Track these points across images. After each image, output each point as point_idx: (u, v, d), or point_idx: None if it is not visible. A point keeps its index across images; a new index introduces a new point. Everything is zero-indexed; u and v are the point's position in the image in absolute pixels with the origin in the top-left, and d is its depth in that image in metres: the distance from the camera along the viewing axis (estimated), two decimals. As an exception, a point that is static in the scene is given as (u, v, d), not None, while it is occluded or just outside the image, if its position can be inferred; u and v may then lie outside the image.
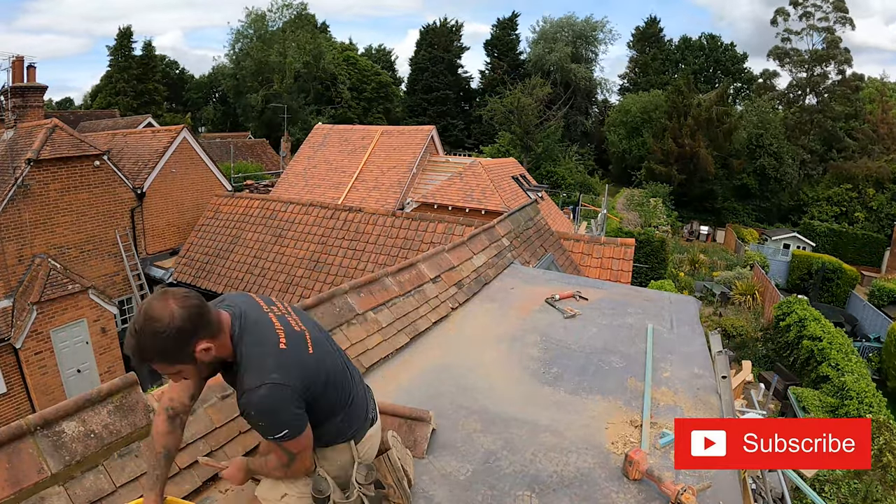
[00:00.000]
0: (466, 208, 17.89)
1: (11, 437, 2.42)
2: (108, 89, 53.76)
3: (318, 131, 24.36)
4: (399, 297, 5.29)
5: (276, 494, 2.48)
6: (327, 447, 2.48)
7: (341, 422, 2.46)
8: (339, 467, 2.50)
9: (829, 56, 44.38)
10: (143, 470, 2.70)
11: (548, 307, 6.08)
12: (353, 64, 61.25)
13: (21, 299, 12.53)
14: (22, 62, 15.42)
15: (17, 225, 12.88)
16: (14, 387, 12.26)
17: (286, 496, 2.47)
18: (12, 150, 13.38)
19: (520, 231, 9.13)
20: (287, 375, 2.12)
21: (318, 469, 2.47)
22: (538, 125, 46.81)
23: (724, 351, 4.32)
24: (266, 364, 2.12)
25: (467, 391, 4.17)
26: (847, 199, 41.73)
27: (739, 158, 44.59)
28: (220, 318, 2.15)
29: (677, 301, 6.76)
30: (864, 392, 13.76)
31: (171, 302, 1.98)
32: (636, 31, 63.04)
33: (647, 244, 26.39)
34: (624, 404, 4.06)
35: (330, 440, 2.47)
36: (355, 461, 2.53)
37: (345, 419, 2.47)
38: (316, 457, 2.47)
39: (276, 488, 2.49)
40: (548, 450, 3.46)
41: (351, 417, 2.51)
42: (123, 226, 15.38)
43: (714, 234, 41.84)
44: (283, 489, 2.48)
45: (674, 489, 2.87)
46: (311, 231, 13.71)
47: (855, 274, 28.81)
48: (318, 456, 2.48)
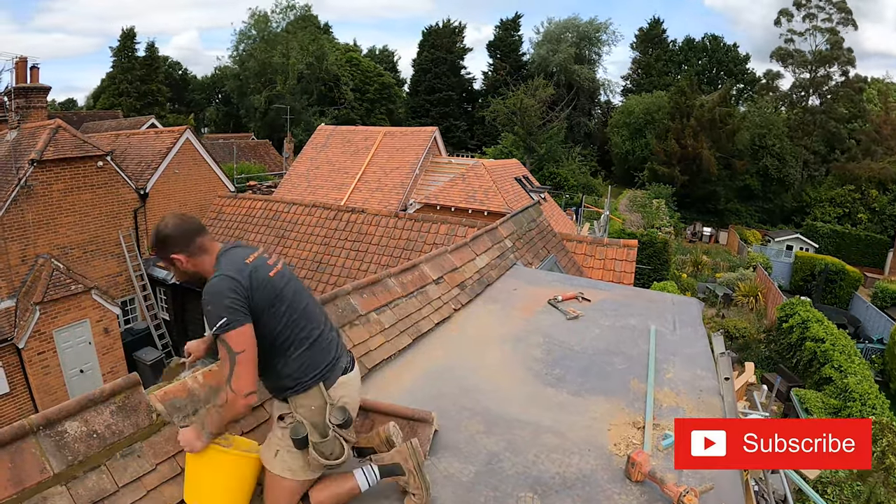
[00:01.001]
0: (469, 209, 17.89)
1: (14, 437, 2.43)
2: (111, 90, 53.85)
3: (321, 132, 24.38)
4: (402, 298, 5.29)
5: (271, 453, 2.68)
6: (301, 393, 2.66)
7: (303, 356, 2.66)
8: (314, 412, 2.66)
9: (832, 57, 44.31)
10: (146, 470, 2.71)
11: (550, 308, 6.08)
12: (356, 65, 61.27)
13: (24, 299, 12.55)
14: (25, 63, 15.42)
15: (21, 225, 12.90)
16: (17, 387, 12.27)
17: (279, 452, 2.66)
18: (16, 151, 13.40)
19: (522, 232, 9.13)
20: (237, 273, 2.53)
21: (294, 415, 2.67)
22: (541, 126, 46.75)
23: (727, 352, 4.30)
24: (228, 267, 2.57)
25: (470, 392, 4.17)
26: (850, 200, 41.64)
27: (742, 159, 44.51)
28: (204, 243, 2.69)
29: (680, 302, 6.75)
30: (866, 394, 13.73)
31: (173, 218, 2.70)
32: (639, 33, 63.01)
33: (650, 245, 26.35)
34: (626, 406, 4.06)
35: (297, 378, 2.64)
36: (328, 404, 2.68)
37: (309, 355, 2.67)
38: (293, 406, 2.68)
39: (270, 447, 2.70)
40: (550, 451, 3.45)
41: (315, 355, 2.70)
42: (126, 226, 15.41)
43: (717, 236, 41.79)
44: (274, 446, 2.68)
45: (676, 491, 2.86)
46: (313, 232, 13.72)
47: (858, 275, 28.74)
48: (294, 405, 2.68)
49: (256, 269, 2.60)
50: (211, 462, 2.60)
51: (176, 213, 2.75)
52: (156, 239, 2.67)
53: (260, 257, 2.69)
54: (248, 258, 2.64)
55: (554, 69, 57.15)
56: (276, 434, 2.71)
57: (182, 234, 2.65)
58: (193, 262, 2.67)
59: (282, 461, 2.66)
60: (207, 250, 2.69)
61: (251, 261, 2.63)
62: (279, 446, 2.67)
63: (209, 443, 2.59)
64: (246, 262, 2.60)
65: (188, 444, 2.58)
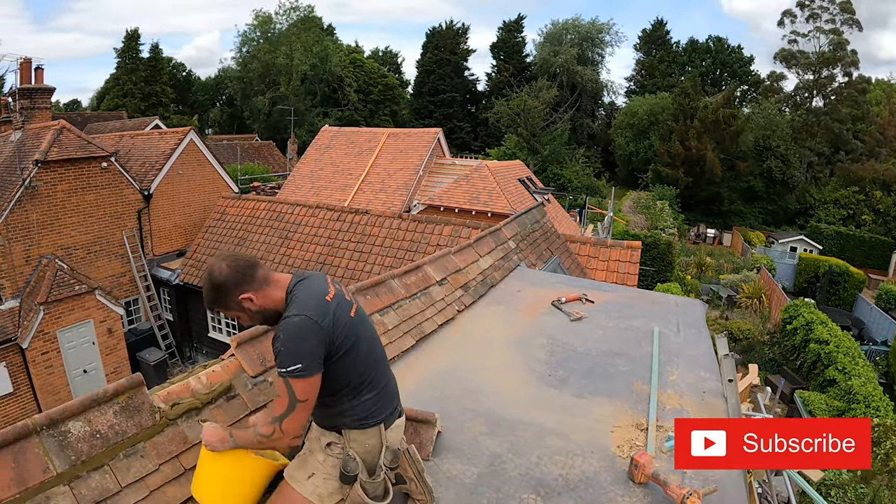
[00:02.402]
0: (473, 211, 17.88)
1: (17, 437, 2.43)
2: (115, 91, 53.97)
3: (325, 134, 24.40)
4: (405, 299, 5.28)
5: (304, 474, 2.63)
6: (358, 429, 2.61)
7: (372, 401, 2.61)
8: (368, 451, 2.62)
9: (835, 58, 44.17)
10: (149, 470, 2.71)
11: (554, 310, 6.07)
12: (360, 66, 61.32)
13: (28, 300, 12.58)
14: (30, 64, 15.47)
15: (25, 226, 12.95)
16: (20, 387, 12.30)
17: (313, 476, 2.62)
18: (20, 152, 13.45)
19: (526, 234, 9.12)
20: (321, 316, 2.40)
21: (348, 450, 2.60)
22: (544, 128, 46.73)
23: (731, 354, 4.30)
24: (308, 303, 2.43)
25: (473, 394, 4.16)
26: (854, 201, 41.51)
27: (746, 161, 44.38)
28: (269, 277, 2.53)
29: (684, 304, 6.74)
30: (870, 396, 13.69)
31: (224, 262, 2.47)
32: (643, 34, 62.95)
33: (654, 247, 26.32)
34: (630, 407, 4.05)
35: (361, 419, 2.60)
36: (384, 445, 2.64)
37: (377, 400, 2.63)
38: (347, 439, 2.62)
39: (304, 468, 2.65)
40: (553, 453, 3.45)
41: (383, 400, 2.67)
42: (130, 227, 15.44)
43: (721, 237, 41.69)
44: (310, 468, 2.63)
45: (679, 493, 2.86)
46: (317, 233, 13.74)
47: (862, 277, 28.64)
48: (348, 438, 2.62)
49: (338, 309, 2.51)
50: (233, 460, 2.58)
51: (222, 256, 2.54)
52: (214, 289, 2.47)
53: (338, 293, 2.59)
54: (328, 294, 2.52)
55: (557, 70, 57.10)
56: (318, 458, 2.66)
57: (241, 272, 2.46)
58: (262, 297, 2.49)
59: (314, 485, 2.61)
60: (273, 281, 2.54)
61: (331, 297, 2.52)
62: (317, 470, 2.63)
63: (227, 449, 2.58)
64: (327, 300, 2.49)
65: (209, 443, 2.58)
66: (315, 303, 2.44)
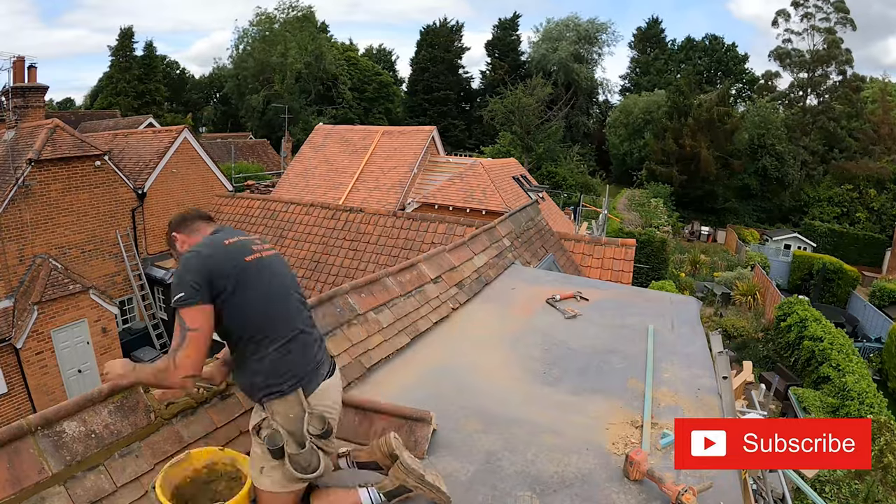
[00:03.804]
0: (467, 209, 17.89)
1: (12, 437, 2.42)
2: (109, 89, 53.81)
3: (319, 132, 24.37)
4: (400, 297, 5.29)
5: (256, 471, 2.55)
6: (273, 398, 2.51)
7: (277, 354, 2.52)
8: (290, 420, 2.50)
9: (830, 57, 44.28)
10: (144, 470, 2.71)
11: (549, 308, 6.08)
12: (354, 64, 61.29)
13: (22, 299, 12.53)
14: (23, 62, 15.41)
15: (18, 225, 12.88)
16: (15, 387, 12.25)
17: (263, 468, 2.53)
18: (13, 151, 13.38)
19: (520, 231, 9.13)
20: (207, 253, 2.54)
21: (270, 423, 2.49)
22: (539, 125, 46.80)
23: (725, 351, 4.31)
24: (203, 245, 2.62)
25: (468, 391, 4.16)
26: (848, 199, 41.68)
27: (740, 159, 44.54)
28: (201, 226, 2.81)
29: (678, 301, 6.75)
30: (864, 392, 13.76)
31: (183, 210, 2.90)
32: (637, 32, 63.07)
33: (648, 245, 26.38)
34: (625, 405, 4.06)
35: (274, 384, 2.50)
36: (306, 412, 2.54)
37: (284, 355, 2.53)
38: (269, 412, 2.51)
39: (255, 465, 2.56)
40: (549, 450, 3.45)
41: (293, 356, 2.56)
42: (124, 226, 15.38)
43: (715, 235, 41.81)
44: (258, 463, 2.54)
45: (674, 490, 2.86)
46: (312, 231, 13.72)
47: (856, 274, 28.77)
48: (270, 411, 2.51)
49: (232, 252, 2.58)
50: None
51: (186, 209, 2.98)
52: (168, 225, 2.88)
53: (245, 241, 2.69)
54: (230, 240, 2.64)
55: (553, 68, 57.12)
56: (256, 450, 2.57)
57: (183, 217, 2.85)
58: (189, 241, 2.75)
59: (269, 477, 2.53)
60: (201, 231, 2.78)
61: (230, 243, 2.63)
62: (263, 461, 2.54)
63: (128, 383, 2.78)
64: (224, 244, 2.61)
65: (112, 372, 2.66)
66: (206, 243, 2.63)
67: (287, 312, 2.66)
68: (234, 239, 2.66)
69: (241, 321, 2.52)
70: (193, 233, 2.78)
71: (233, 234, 2.72)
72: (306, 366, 2.60)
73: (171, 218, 2.89)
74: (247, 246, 2.66)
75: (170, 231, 2.85)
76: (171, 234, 2.84)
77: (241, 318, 2.51)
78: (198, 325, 2.42)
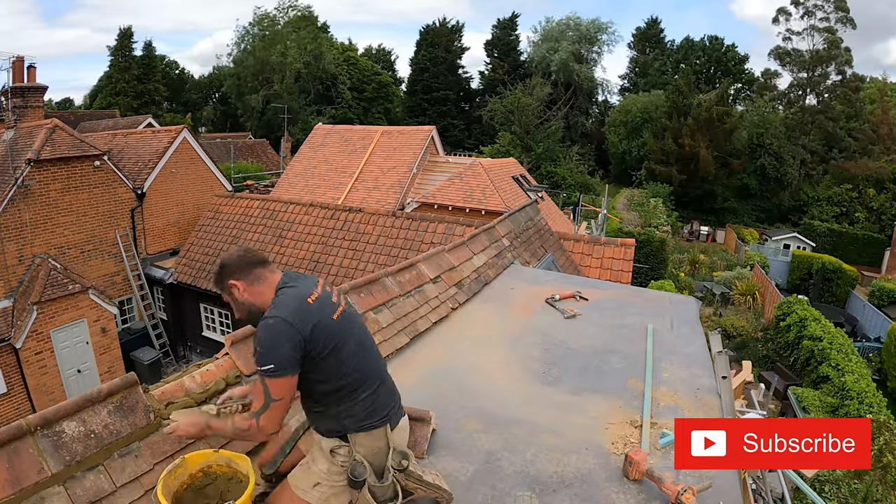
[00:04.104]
0: (466, 208, 17.89)
1: (12, 437, 2.42)
2: (108, 89, 53.74)
3: (319, 131, 24.35)
4: (399, 297, 5.28)
5: (309, 483, 2.62)
6: (363, 431, 2.58)
7: (370, 399, 2.59)
8: (375, 453, 2.61)
9: (829, 56, 44.26)
10: (144, 470, 2.71)
11: (548, 307, 6.08)
12: (354, 64, 61.20)
13: (21, 299, 12.53)
14: (22, 62, 15.42)
15: (18, 225, 12.88)
16: (14, 387, 12.25)
17: (318, 485, 2.60)
18: (13, 151, 13.38)
19: (520, 231, 9.13)
20: (297, 319, 2.40)
21: (354, 454, 2.58)
22: (538, 125, 46.79)
23: (725, 351, 4.31)
24: (287, 305, 2.45)
25: (468, 391, 4.17)
26: (847, 199, 41.68)
27: (740, 158, 44.51)
28: (264, 274, 2.60)
29: (677, 301, 6.76)
30: (864, 392, 13.75)
31: (236, 250, 2.67)
32: (637, 32, 63.00)
33: (648, 244, 26.38)
34: (624, 405, 4.06)
35: (363, 419, 2.57)
36: (390, 447, 2.64)
37: (374, 398, 2.61)
38: (353, 443, 2.59)
39: (308, 477, 2.63)
40: (548, 450, 3.46)
41: (382, 399, 2.66)
42: (124, 226, 15.38)
43: (714, 235, 41.79)
44: (315, 478, 2.61)
45: (674, 489, 2.87)
46: (311, 231, 13.72)
47: (855, 274, 28.76)
48: (354, 442, 2.59)
49: (320, 313, 2.50)
50: None
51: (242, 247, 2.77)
52: (219, 267, 2.64)
53: (323, 295, 2.58)
54: (311, 296, 2.52)
55: (552, 68, 57.06)
56: (322, 467, 2.63)
57: (243, 262, 2.60)
58: (251, 291, 2.58)
59: (320, 493, 2.61)
60: (266, 280, 2.59)
61: (314, 300, 2.52)
62: (322, 479, 2.61)
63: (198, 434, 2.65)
64: (308, 303, 2.49)
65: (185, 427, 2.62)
66: (294, 306, 2.46)
67: (376, 364, 2.75)
68: (315, 295, 2.54)
69: (336, 378, 2.54)
70: (256, 281, 2.58)
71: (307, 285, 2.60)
72: (391, 405, 2.73)
73: (224, 259, 2.64)
74: (328, 301, 2.60)
75: (225, 277, 2.60)
76: (226, 281, 2.60)
77: (336, 375, 2.53)
78: (282, 396, 2.43)
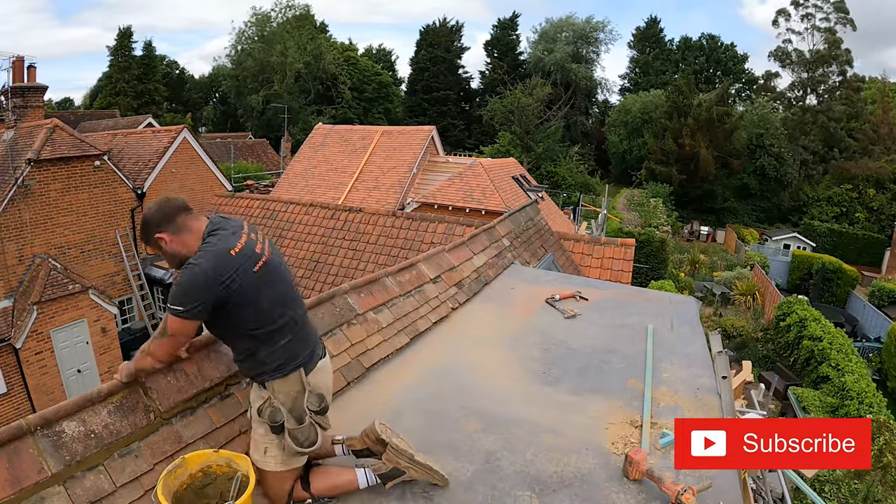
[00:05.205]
0: (467, 208, 17.89)
1: (11, 437, 2.42)
2: (108, 89, 53.79)
3: (319, 131, 24.36)
4: (399, 297, 5.28)
5: (261, 452, 2.72)
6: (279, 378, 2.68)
7: (288, 347, 2.69)
8: (292, 397, 2.70)
9: (830, 57, 44.28)
10: (144, 470, 2.71)
11: (548, 307, 6.08)
12: (354, 64, 61.23)
13: (21, 299, 12.53)
14: (22, 62, 15.43)
15: (18, 225, 12.89)
16: (14, 387, 12.26)
17: (267, 448, 2.71)
18: (13, 150, 13.38)
19: (520, 231, 9.12)
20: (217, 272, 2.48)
21: (272, 400, 2.67)
22: (538, 125, 46.80)
23: (725, 351, 4.31)
24: (209, 255, 2.52)
25: (467, 391, 4.16)
26: (847, 199, 41.71)
27: (740, 158, 44.54)
28: (187, 222, 2.63)
29: (677, 301, 6.75)
30: (864, 392, 13.76)
31: (156, 202, 2.67)
32: (636, 32, 63.01)
33: (648, 244, 26.39)
34: (624, 405, 4.06)
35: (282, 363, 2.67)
36: (306, 390, 2.73)
37: (292, 345, 2.71)
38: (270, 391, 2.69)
39: (258, 447, 2.74)
40: (548, 450, 3.45)
41: (299, 344, 2.75)
42: (124, 226, 15.39)
43: (714, 235, 41.81)
44: (261, 444, 2.72)
45: (674, 489, 2.87)
46: (311, 231, 13.71)
47: (855, 274, 28.78)
48: (272, 390, 2.69)
49: (240, 266, 2.55)
50: None
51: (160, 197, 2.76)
52: (142, 224, 2.67)
53: (246, 247, 2.61)
54: (234, 248, 2.56)
55: (551, 68, 57.07)
56: (259, 431, 2.74)
57: (164, 213, 2.62)
58: (177, 241, 2.62)
59: (273, 457, 2.70)
60: (190, 228, 2.63)
61: (236, 252, 2.55)
62: (267, 442, 2.70)
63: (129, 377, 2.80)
64: (230, 255, 2.53)
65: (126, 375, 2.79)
66: (216, 256, 2.51)
67: (294, 310, 2.79)
68: (239, 246, 2.58)
69: (252, 324, 2.63)
70: (181, 231, 2.62)
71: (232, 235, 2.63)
72: (306, 349, 2.79)
73: (146, 214, 2.66)
74: (251, 249, 2.63)
75: (150, 230, 2.63)
76: (151, 233, 2.63)
77: (252, 322, 2.62)
78: (175, 333, 2.62)
